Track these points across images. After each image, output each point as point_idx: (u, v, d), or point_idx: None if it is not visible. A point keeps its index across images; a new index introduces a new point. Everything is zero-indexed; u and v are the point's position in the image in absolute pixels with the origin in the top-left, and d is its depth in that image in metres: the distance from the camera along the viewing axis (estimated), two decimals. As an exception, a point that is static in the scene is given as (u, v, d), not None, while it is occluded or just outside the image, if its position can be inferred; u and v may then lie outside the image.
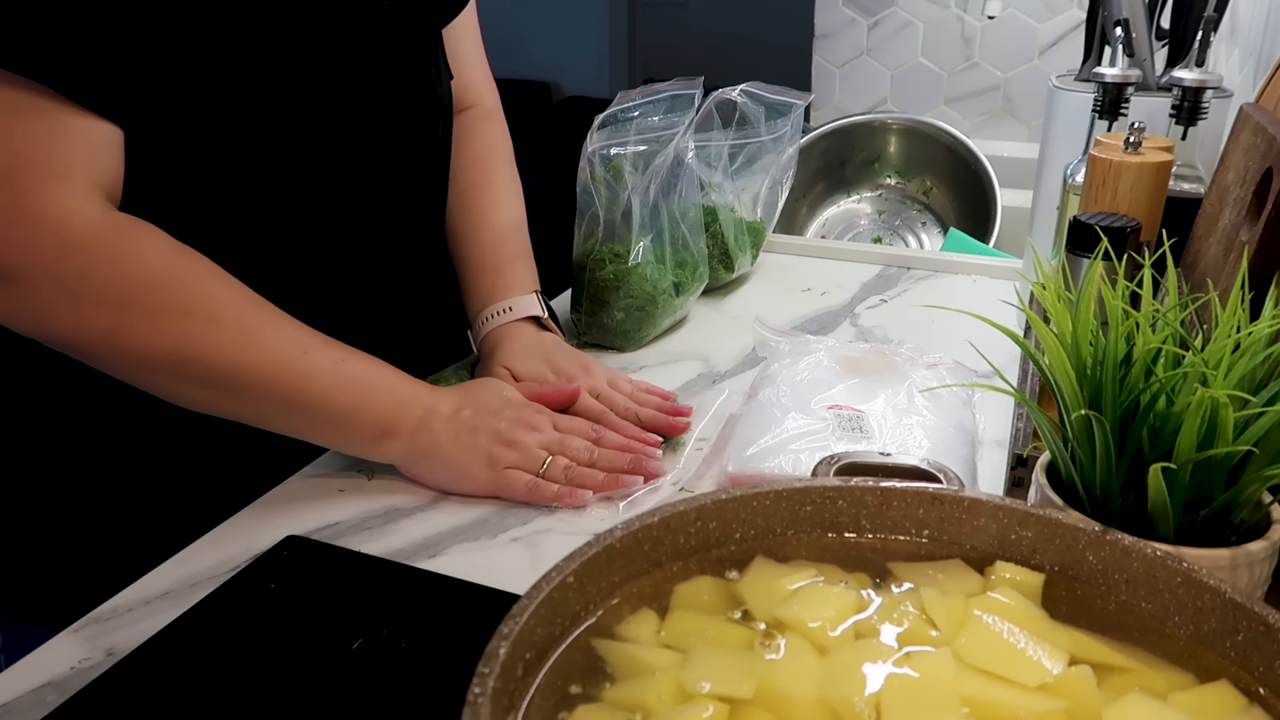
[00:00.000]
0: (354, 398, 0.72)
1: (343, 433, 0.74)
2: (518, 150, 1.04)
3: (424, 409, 0.75)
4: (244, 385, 0.70)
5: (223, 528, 0.72)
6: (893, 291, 1.18)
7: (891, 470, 0.63)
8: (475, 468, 0.74)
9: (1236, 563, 0.46)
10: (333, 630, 0.60)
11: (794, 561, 0.45)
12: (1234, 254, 0.68)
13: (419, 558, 0.69)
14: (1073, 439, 0.49)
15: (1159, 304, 0.51)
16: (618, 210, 0.98)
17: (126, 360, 0.68)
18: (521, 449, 0.75)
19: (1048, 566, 0.45)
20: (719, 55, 4.58)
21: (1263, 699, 0.38)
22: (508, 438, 0.75)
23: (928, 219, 1.63)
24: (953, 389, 0.83)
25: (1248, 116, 0.77)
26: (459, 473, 0.75)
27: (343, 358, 0.73)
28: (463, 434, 0.75)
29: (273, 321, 0.72)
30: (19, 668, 0.58)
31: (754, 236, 1.19)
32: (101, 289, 0.66)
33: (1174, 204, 0.80)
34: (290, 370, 0.70)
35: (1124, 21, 0.94)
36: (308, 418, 0.72)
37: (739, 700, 0.37)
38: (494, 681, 0.34)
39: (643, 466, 0.77)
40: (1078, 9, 1.93)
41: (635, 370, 0.96)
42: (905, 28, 2.08)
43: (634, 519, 0.43)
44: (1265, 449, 0.45)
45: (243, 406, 0.72)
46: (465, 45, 0.98)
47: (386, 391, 0.74)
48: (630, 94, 1.03)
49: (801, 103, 1.20)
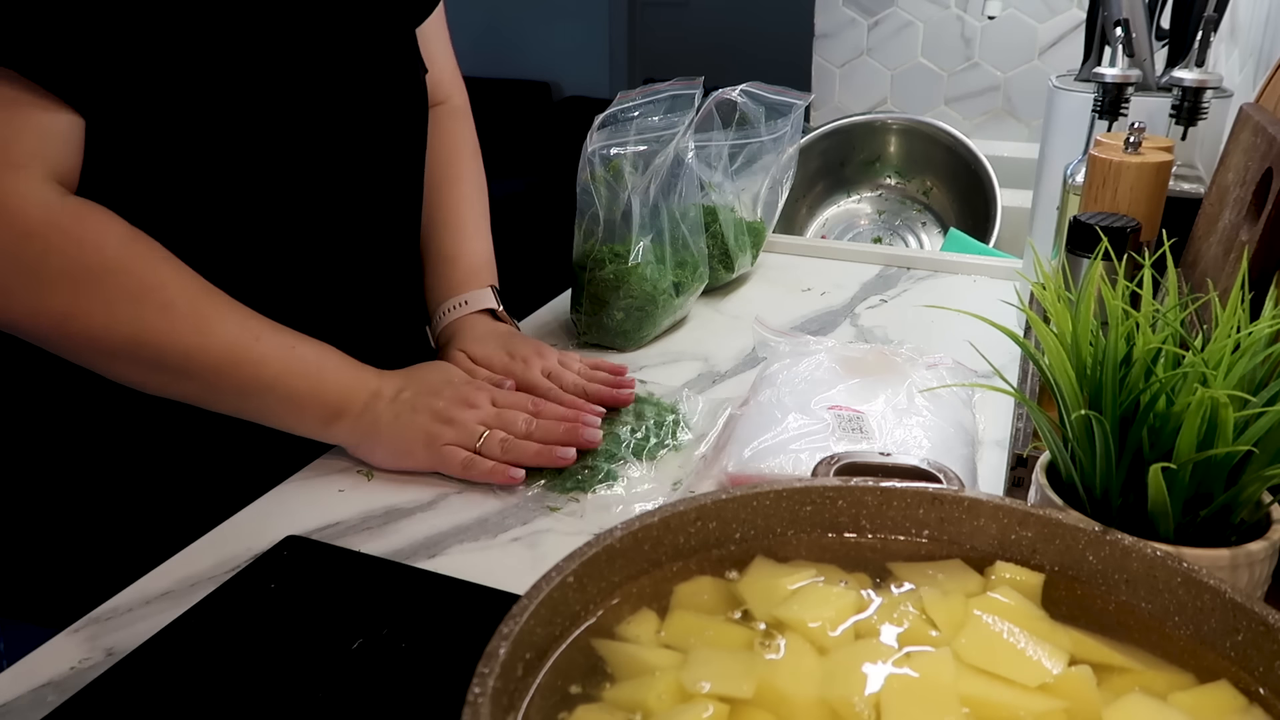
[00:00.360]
0: (304, 383, 0.75)
1: (294, 416, 0.76)
2: (518, 150, 1.04)
3: (369, 392, 0.78)
4: (197, 370, 0.72)
5: (223, 528, 0.72)
6: (893, 291, 1.18)
7: (891, 470, 0.63)
8: (414, 445, 0.77)
9: (1236, 563, 0.46)
10: (333, 630, 0.60)
11: (794, 561, 0.45)
12: (1234, 254, 0.68)
13: (419, 558, 0.69)
14: (1073, 439, 0.49)
15: (1159, 304, 0.51)
16: (618, 210, 0.98)
17: (81, 345, 0.70)
18: (458, 425, 0.77)
19: (1048, 566, 0.45)
20: (719, 55, 4.58)
21: (1263, 699, 0.38)
22: (446, 415, 0.77)
23: (928, 219, 1.63)
24: (953, 389, 0.83)
25: (1248, 116, 0.77)
26: (399, 451, 0.77)
27: (293, 344, 0.75)
28: (403, 414, 0.77)
29: (226, 308, 0.73)
30: (19, 668, 0.58)
31: (754, 236, 1.19)
32: (57, 275, 0.67)
33: (1174, 204, 0.80)
34: (243, 356, 0.73)
35: (1124, 21, 0.94)
36: (260, 402, 0.75)
37: (739, 700, 0.37)
38: (494, 681, 0.34)
39: (579, 435, 0.78)
40: (1078, 9, 1.93)
41: (635, 370, 0.96)
42: (905, 28, 2.08)
43: (634, 519, 0.43)
44: (1265, 449, 0.45)
45: (195, 390, 0.74)
46: (435, 43, 0.98)
47: (335, 377, 0.77)
48: (630, 94, 1.03)
49: (801, 103, 1.20)
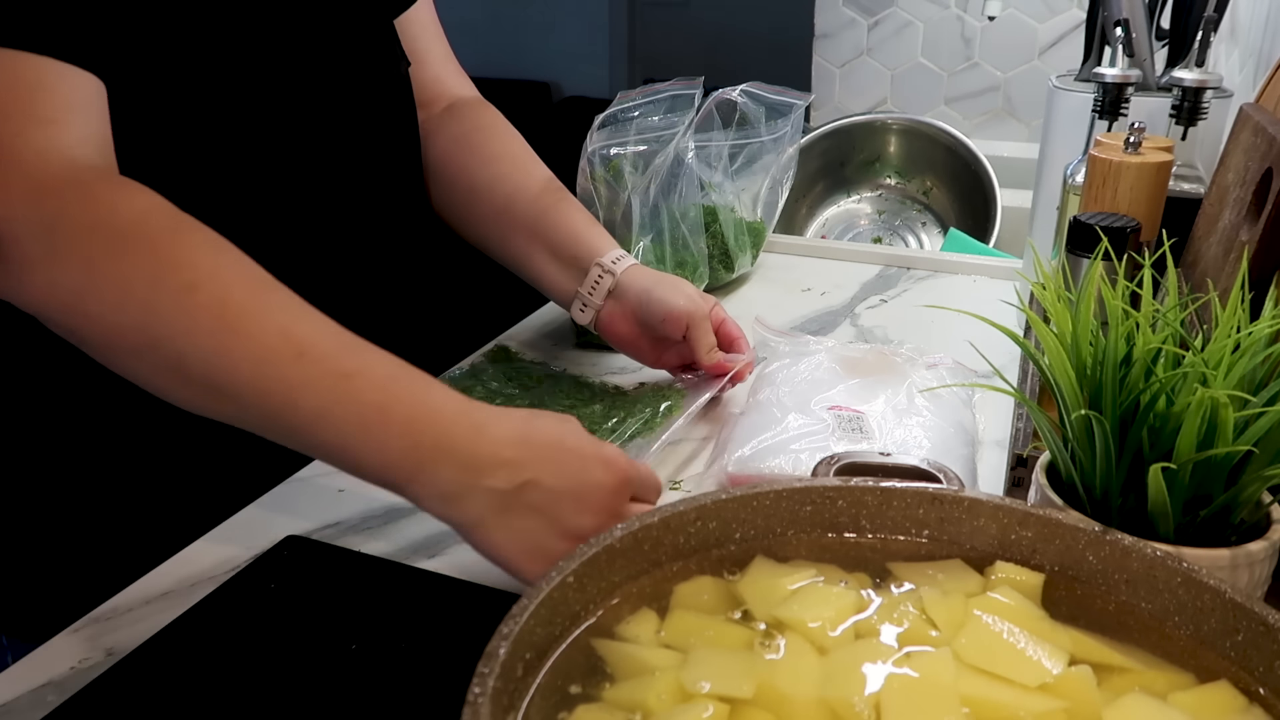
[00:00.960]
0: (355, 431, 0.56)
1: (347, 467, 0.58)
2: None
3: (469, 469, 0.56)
4: (220, 384, 0.56)
5: (223, 528, 0.72)
6: (893, 291, 1.18)
7: (891, 470, 0.63)
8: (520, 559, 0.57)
9: (1236, 563, 0.46)
10: (333, 630, 0.60)
11: (794, 561, 0.45)
12: (1234, 254, 0.68)
13: (419, 558, 0.69)
14: (1073, 439, 0.49)
15: (1159, 304, 0.51)
16: (618, 210, 0.98)
17: (96, 333, 0.58)
18: None
19: (1048, 566, 0.45)
20: (719, 55, 4.57)
21: (1263, 699, 0.38)
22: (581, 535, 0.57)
23: (928, 219, 1.63)
24: (953, 389, 0.83)
25: (1248, 116, 0.77)
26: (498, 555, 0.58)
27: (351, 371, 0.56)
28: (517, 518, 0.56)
29: (266, 305, 0.57)
30: (19, 668, 0.59)
31: (754, 236, 1.19)
32: (70, 240, 0.57)
33: (1174, 204, 0.80)
34: (273, 374, 0.55)
35: (1124, 21, 0.94)
36: (298, 441, 0.58)
37: (739, 700, 0.37)
38: (494, 681, 0.34)
39: None
40: (1078, 9, 1.93)
41: (635, 369, 0.96)
42: (905, 28, 2.08)
43: (634, 519, 0.43)
44: (1265, 449, 0.45)
45: (226, 410, 0.58)
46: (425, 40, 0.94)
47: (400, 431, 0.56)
48: (630, 94, 1.03)
49: (801, 103, 1.20)
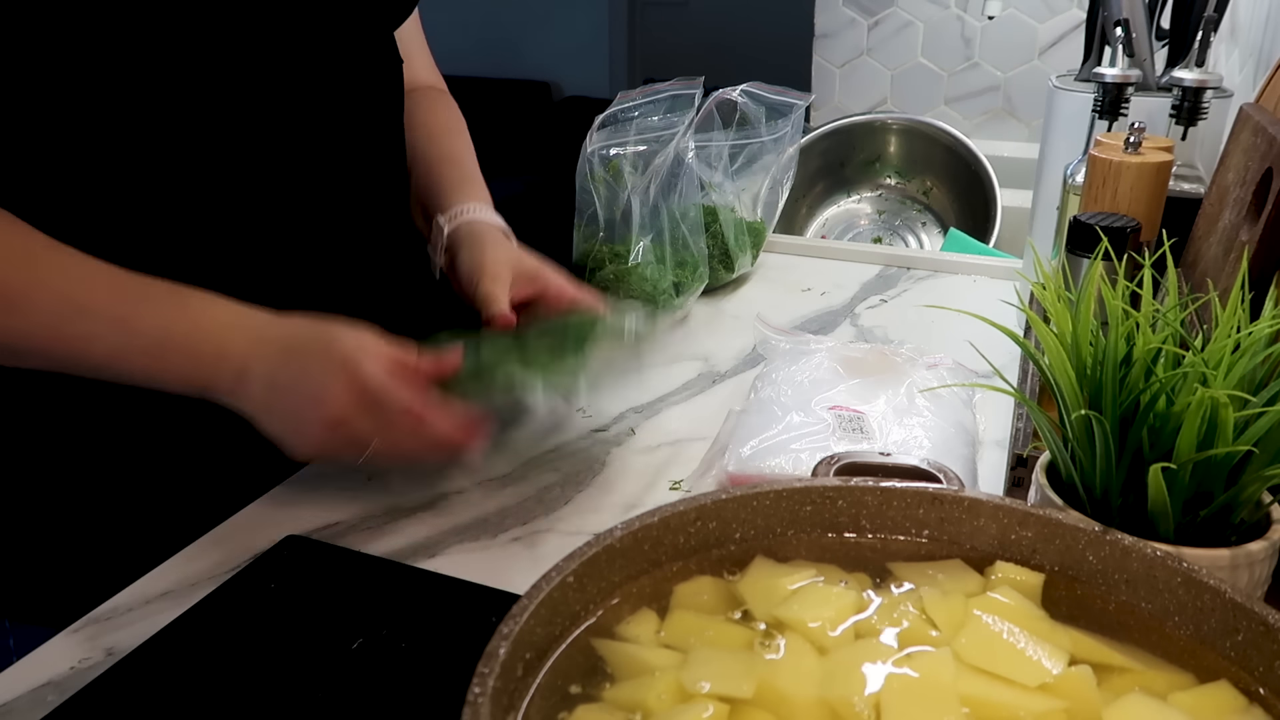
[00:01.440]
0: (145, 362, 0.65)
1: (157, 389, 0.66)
2: (518, 150, 1.04)
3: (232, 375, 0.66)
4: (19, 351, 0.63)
5: (223, 528, 0.72)
6: (893, 291, 1.18)
7: (891, 470, 0.63)
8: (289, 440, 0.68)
9: (1236, 563, 0.46)
10: (333, 630, 0.60)
11: (794, 561, 0.45)
12: (1234, 254, 0.68)
13: (419, 558, 0.69)
14: (1073, 439, 0.49)
15: (1159, 304, 0.51)
16: (618, 210, 0.98)
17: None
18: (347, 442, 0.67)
19: (1048, 566, 0.45)
20: (719, 55, 4.58)
21: (1263, 699, 0.38)
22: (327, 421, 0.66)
23: (928, 219, 1.63)
24: (953, 389, 0.83)
25: (1248, 116, 0.77)
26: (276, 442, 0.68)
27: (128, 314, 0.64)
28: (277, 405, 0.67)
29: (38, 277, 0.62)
30: (19, 668, 0.59)
31: (754, 236, 1.19)
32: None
33: (1174, 204, 0.80)
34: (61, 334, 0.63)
35: (1124, 21, 0.94)
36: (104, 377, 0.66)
37: (739, 700, 0.37)
38: (494, 681, 0.34)
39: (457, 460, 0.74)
40: (1078, 9, 1.93)
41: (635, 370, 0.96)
42: (905, 28, 2.08)
43: (634, 519, 0.43)
44: (1265, 449, 0.45)
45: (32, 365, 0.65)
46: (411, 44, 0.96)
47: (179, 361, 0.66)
48: (630, 94, 1.03)
49: (801, 103, 1.20)
